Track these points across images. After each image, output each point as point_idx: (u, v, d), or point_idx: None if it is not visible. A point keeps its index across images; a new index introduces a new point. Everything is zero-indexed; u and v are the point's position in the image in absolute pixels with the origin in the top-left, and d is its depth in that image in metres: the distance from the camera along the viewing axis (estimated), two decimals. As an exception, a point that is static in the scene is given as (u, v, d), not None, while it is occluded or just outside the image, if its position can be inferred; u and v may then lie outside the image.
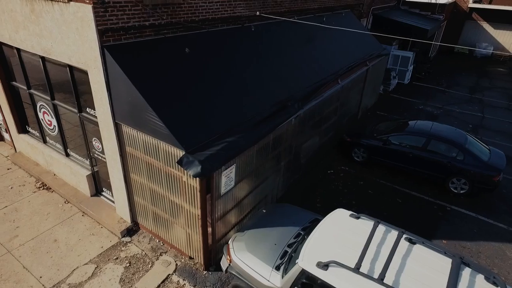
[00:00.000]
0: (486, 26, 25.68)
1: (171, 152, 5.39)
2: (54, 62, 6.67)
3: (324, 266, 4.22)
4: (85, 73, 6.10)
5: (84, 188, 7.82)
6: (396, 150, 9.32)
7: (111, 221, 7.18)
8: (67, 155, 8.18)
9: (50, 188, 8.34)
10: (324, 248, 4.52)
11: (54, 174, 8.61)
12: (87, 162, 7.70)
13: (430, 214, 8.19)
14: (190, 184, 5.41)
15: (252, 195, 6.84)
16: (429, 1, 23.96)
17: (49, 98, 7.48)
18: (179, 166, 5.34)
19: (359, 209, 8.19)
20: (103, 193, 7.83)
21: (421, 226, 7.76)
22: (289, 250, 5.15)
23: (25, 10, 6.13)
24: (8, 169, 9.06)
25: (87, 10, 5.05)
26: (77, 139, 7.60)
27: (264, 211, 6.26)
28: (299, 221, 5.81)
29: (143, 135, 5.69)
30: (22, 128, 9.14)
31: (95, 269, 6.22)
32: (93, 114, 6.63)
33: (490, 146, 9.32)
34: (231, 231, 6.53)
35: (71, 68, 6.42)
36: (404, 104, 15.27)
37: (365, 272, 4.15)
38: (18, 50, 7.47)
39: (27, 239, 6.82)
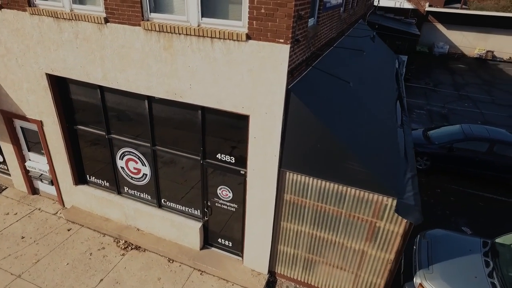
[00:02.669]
0: (440, 27, 28.76)
1: (366, 199, 4.96)
2: (176, 105, 5.66)
3: None
4: (231, 116, 5.30)
5: (192, 241, 6.81)
6: (462, 156, 9.91)
7: (243, 276, 6.37)
8: (160, 206, 7.04)
9: (140, 247, 7.09)
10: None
11: (138, 229, 7.34)
12: (196, 212, 6.72)
13: (514, 213, 8.90)
14: (389, 230, 5.05)
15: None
16: (395, 6, 26.00)
17: (148, 144, 6.34)
18: (370, 212, 4.97)
19: (457, 219, 8.52)
20: (215, 244, 6.91)
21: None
22: (495, 282, 5.14)
23: (153, 47, 5.07)
24: (68, 230, 7.47)
25: (279, 50, 4.37)
26: (182, 188, 6.58)
27: (426, 240, 6.14)
28: (472, 247, 5.82)
29: (320, 181, 5.14)
30: (79, 178, 7.61)
31: (264, 337, 5.46)
32: (228, 160, 5.79)
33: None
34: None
35: (203, 111, 5.51)
36: (412, 106, 16.30)
37: None
38: (102, 90, 6.18)
39: (159, 317, 5.71)
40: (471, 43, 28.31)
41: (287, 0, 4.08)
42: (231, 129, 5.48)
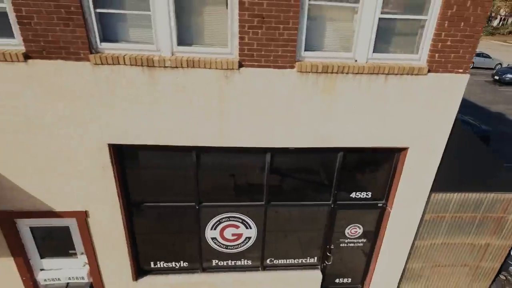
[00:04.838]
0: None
1: (501, 199, 5.51)
2: (308, 152, 4.87)
3: None
4: (378, 151, 4.97)
5: (310, 293, 6.10)
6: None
7: (375, 308, 6.15)
8: (264, 267, 5.98)
9: (250, 324, 5.88)
10: None
11: (237, 304, 6.04)
12: (312, 260, 6.02)
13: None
14: (516, 220, 5.77)
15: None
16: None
17: (262, 202, 5.26)
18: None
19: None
20: (331, 286, 6.36)
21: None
22: None
23: (308, 90, 4.22)
24: None
25: (458, 80, 4.36)
26: (297, 239, 5.78)
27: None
28: None
29: (461, 195, 5.41)
30: (139, 269, 5.70)
31: None
32: (364, 197, 5.40)
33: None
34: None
35: (345, 152, 4.95)
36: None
37: None
38: (198, 152, 4.75)
39: None
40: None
41: (475, 32, 4.09)
42: (374, 164, 5.13)
